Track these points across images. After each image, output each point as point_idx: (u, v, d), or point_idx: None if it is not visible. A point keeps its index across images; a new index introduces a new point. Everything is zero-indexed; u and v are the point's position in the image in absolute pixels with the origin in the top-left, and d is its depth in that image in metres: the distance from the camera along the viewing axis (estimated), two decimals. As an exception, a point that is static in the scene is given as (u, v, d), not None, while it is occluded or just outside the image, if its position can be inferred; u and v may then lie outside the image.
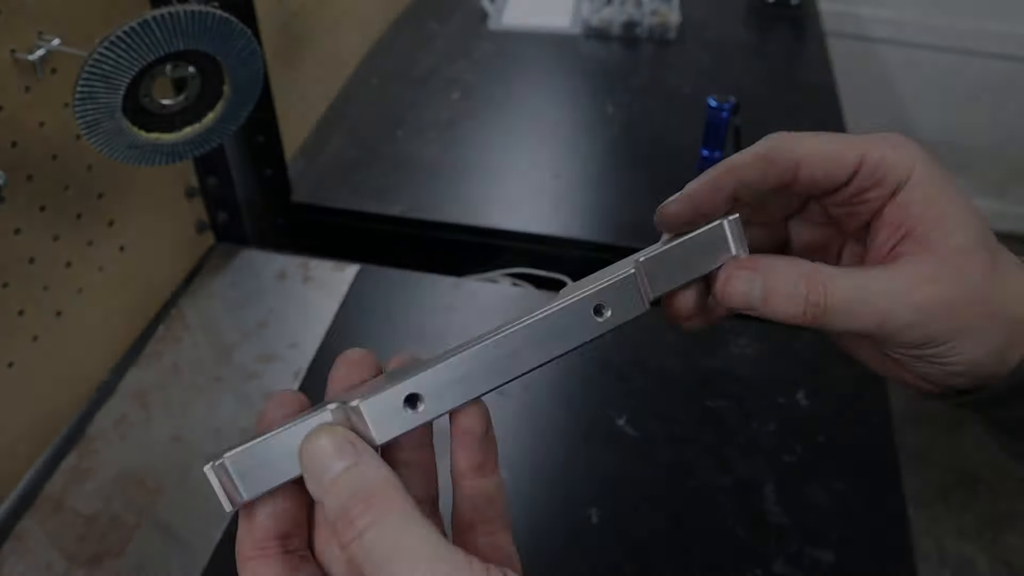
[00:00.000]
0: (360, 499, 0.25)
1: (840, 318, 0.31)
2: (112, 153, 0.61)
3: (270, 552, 0.29)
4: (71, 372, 0.74)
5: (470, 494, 0.30)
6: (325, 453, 0.26)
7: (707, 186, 0.33)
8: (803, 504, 0.67)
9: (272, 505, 0.29)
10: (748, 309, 0.32)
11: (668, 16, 1.33)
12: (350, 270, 0.89)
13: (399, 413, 0.28)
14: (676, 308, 0.35)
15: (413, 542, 0.24)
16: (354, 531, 0.24)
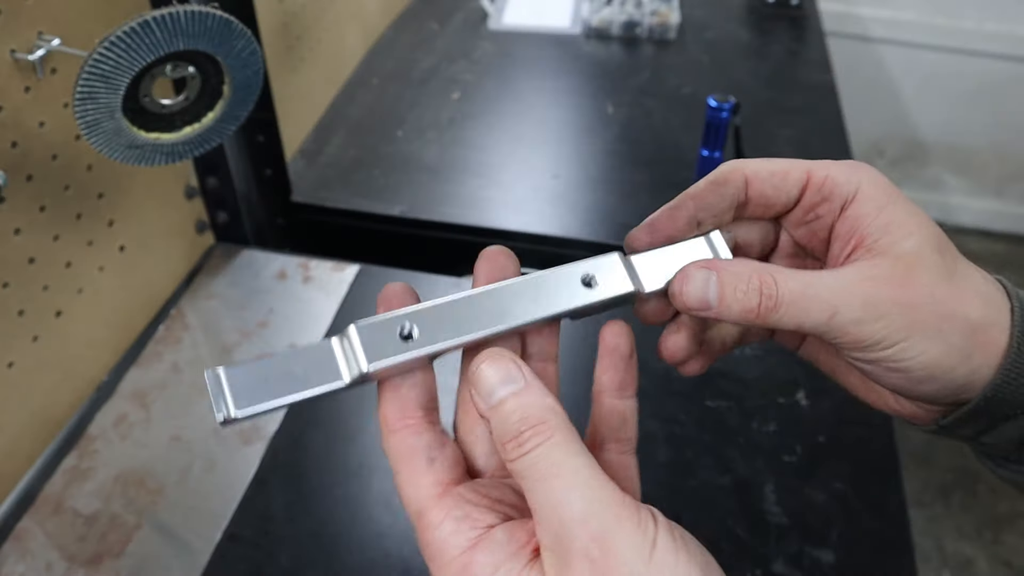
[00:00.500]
0: (531, 423, 0.27)
1: (791, 311, 0.31)
2: (112, 153, 0.61)
3: (417, 422, 0.31)
4: (71, 372, 0.74)
5: (607, 411, 0.34)
6: (497, 374, 0.28)
7: (665, 213, 0.35)
8: (803, 504, 0.67)
9: (413, 376, 0.31)
10: (704, 310, 0.33)
11: (668, 16, 1.33)
12: (350, 270, 0.89)
13: (392, 343, 0.29)
14: (671, 351, 0.38)
15: (574, 465, 0.26)
16: (521, 450, 0.27)
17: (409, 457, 0.30)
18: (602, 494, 0.26)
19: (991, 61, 1.97)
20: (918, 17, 1.96)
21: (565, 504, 0.26)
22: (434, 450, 0.30)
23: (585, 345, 0.80)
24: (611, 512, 0.26)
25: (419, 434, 0.30)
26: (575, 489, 0.26)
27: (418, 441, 0.30)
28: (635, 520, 0.26)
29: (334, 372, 0.29)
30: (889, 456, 0.71)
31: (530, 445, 0.27)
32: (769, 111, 1.16)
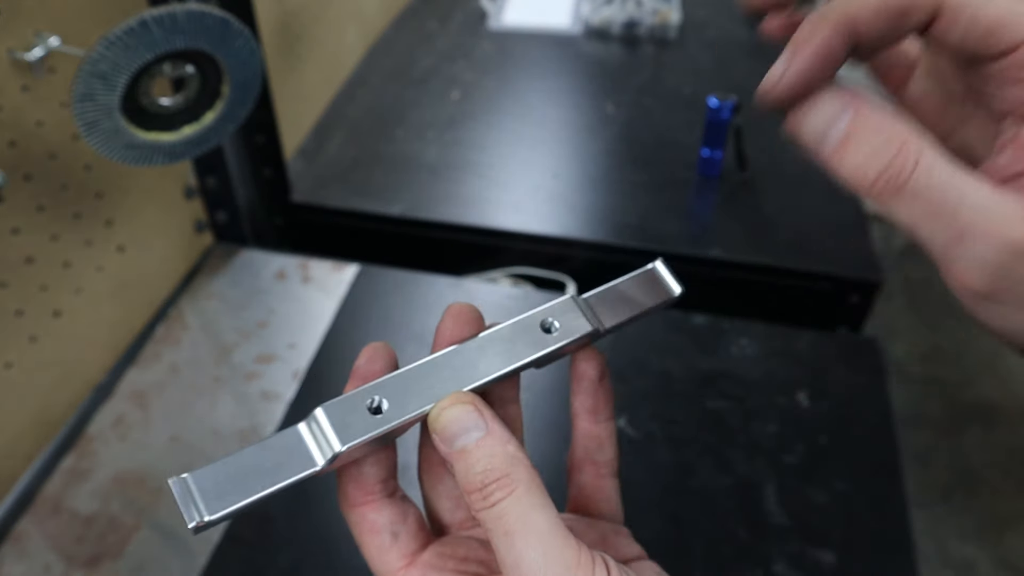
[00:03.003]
0: (495, 476, 0.27)
1: (912, 209, 0.24)
2: (111, 153, 0.61)
3: (376, 498, 0.31)
4: (69, 372, 0.74)
5: (583, 435, 0.34)
6: (457, 420, 0.28)
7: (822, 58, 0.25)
8: (804, 504, 0.67)
9: (373, 453, 0.31)
10: (816, 146, 0.25)
11: (668, 16, 1.33)
12: (349, 270, 0.89)
13: (362, 419, 0.29)
14: None
15: (535, 524, 0.27)
16: (489, 501, 0.27)
17: (372, 532, 0.31)
18: (559, 555, 0.26)
19: (992, 61, 1.96)
20: (919, 17, 1.96)
21: (523, 561, 0.26)
22: (397, 524, 0.31)
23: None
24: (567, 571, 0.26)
25: (380, 511, 0.31)
26: (533, 548, 0.26)
27: (379, 517, 0.31)
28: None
29: (306, 458, 0.29)
30: (890, 456, 0.71)
31: (494, 498, 0.27)
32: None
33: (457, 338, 0.31)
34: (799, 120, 0.25)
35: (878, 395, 0.76)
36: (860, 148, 0.24)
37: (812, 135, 0.25)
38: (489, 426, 0.28)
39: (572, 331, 0.33)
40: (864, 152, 0.24)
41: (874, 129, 0.24)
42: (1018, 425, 1.72)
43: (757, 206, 0.98)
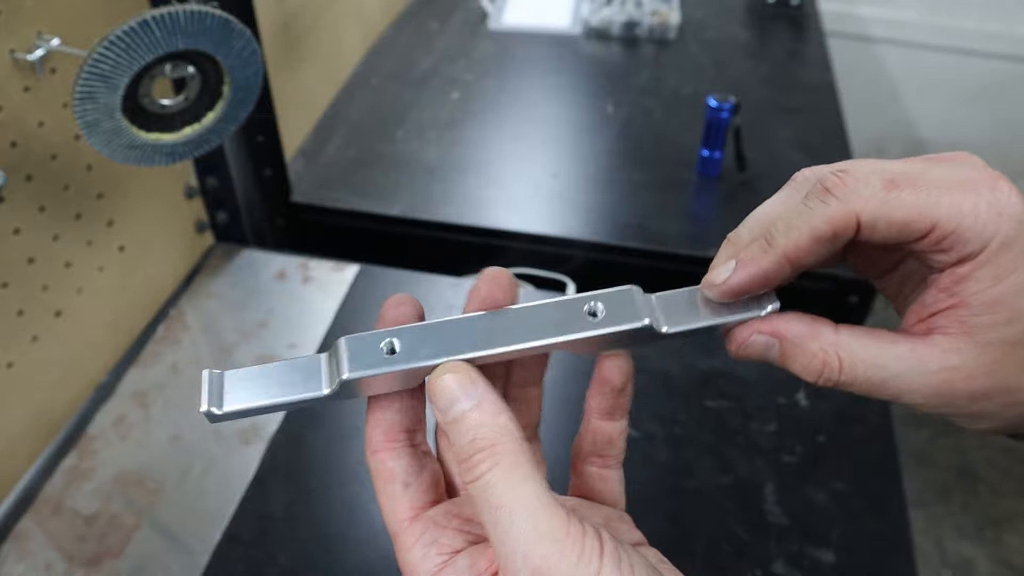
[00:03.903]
0: (480, 447, 0.27)
1: (854, 389, 0.30)
2: (112, 153, 0.61)
3: (399, 444, 0.32)
4: (70, 372, 0.74)
5: (593, 431, 0.34)
6: (450, 389, 0.29)
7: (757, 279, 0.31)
8: (803, 504, 0.67)
9: (400, 400, 0.32)
10: (765, 359, 0.32)
11: (668, 16, 1.33)
12: (350, 270, 0.89)
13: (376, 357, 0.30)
14: None
15: (521, 497, 0.26)
16: (474, 473, 0.27)
17: (387, 480, 0.31)
18: (548, 526, 0.25)
19: (991, 61, 1.97)
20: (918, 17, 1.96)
21: (510, 535, 0.26)
22: (410, 475, 0.31)
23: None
24: (555, 546, 0.25)
25: (398, 458, 0.31)
26: (518, 522, 0.26)
27: (396, 465, 0.31)
28: (579, 552, 0.25)
29: (316, 382, 0.30)
30: (889, 456, 0.71)
31: (479, 471, 0.27)
32: (769, 111, 1.16)
33: (490, 302, 0.32)
34: (742, 353, 0.32)
35: (877, 395, 0.76)
36: (794, 365, 0.31)
37: (755, 358, 0.32)
38: (482, 397, 0.28)
39: (617, 321, 0.31)
40: (798, 367, 0.31)
41: (798, 352, 0.31)
42: (1017, 425, 1.72)
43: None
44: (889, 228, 0.29)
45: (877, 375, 0.30)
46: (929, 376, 0.29)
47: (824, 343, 0.30)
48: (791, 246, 0.30)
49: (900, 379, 0.29)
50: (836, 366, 0.30)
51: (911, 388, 0.29)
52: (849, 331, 0.31)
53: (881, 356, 0.30)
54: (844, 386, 0.30)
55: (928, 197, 0.28)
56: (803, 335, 0.31)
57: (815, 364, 0.30)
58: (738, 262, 0.31)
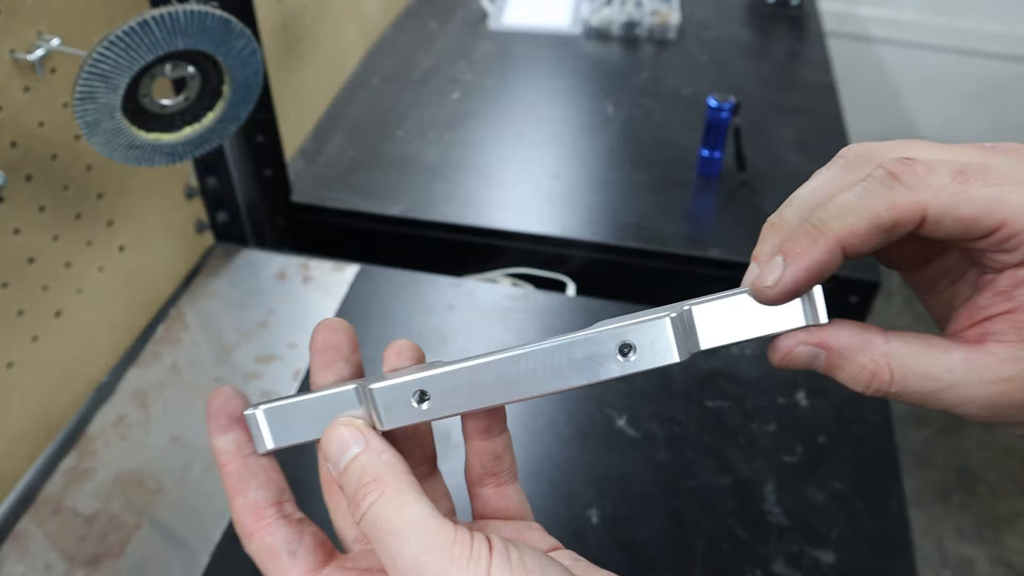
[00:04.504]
0: (365, 482, 0.28)
1: (904, 399, 0.29)
2: (112, 153, 0.61)
3: (270, 520, 0.32)
4: (70, 372, 0.74)
5: (479, 452, 0.34)
6: (342, 442, 0.30)
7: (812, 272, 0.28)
8: (803, 504, 0.67)
9: (256, 478, 0.33)
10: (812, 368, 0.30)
11: (668, 16, 1.33)
12: (350, 270, 0.89)
13: (407, 406, 0.31)
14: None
15: (408, 518, 0.27)
16: (362, 508, 0.28)
17: (271, 556, 0.31)
18: (435, 539, 0.26)
19: (991, 61, 1.97)
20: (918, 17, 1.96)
21: (402, 554, 0.26)
22: (293, 543, 0.32)
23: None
24: (445, 553, 0.26)
25: (275, 532, 0.32)
26: (408, 541, 0.26)
27: (275, 539, 0.32)
28: (467, 555, 0.26)
29: None
30: (889, 456, 0.71)
31: (366, 504, 0.28)
32: (769, 111, 1.16)
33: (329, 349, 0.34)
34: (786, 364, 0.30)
35: (877, 395, 0.76)
36: (841, 375, 0.29)
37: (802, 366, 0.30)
38: (368, 441, 0.30)
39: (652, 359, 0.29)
40: (846, 377, 0.29)
41: (846, 364, 0.29)
42: (1017, 425, 1.72)
43: (756, 206, 0.99)
44: (956, 224, 0.27)
45: (929, 386, 0.28)
46: (984, 387, 0.27)
47: (874, 354, 0.28)
48: (846, 232, 0.27)
49: (953, 391, 0.28)
50: (887, 378, 0.28)
51: (965, 400, 0.28)
52: (900, 339, 0.28)
53: (934, 367, 0.28)
54: (894, 396, 0.29)
55: (1000, 192, 0.26)
56: (851, 346, 0.29)
57: (863, 376, 0.29)
58: (787, 257, 0.28)
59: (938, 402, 0.28)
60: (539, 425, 0.74)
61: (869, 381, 0.28)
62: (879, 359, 0.28)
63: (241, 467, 0.33)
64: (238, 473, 0.32)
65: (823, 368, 0.29)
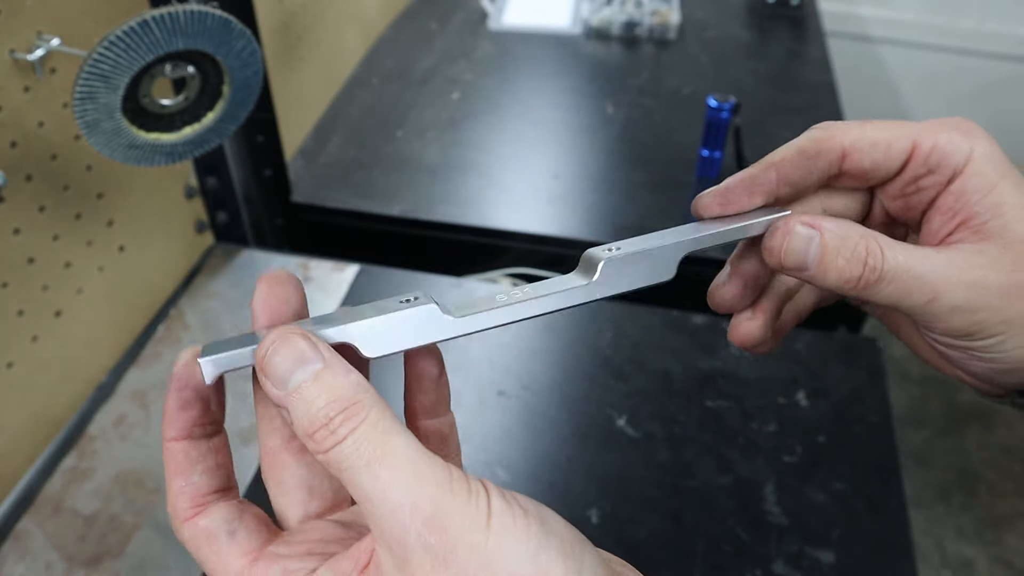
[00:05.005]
0: (339, 407, 0.24)
1: (892, 288, 0.30)
2: (112, 153, 0.61)
3: (208, 504, 0.28)
4: (70, 372, 0.74)
5: (424, 433, 0.31)
6: (296, 354, 0.26)
7: (744, 183, 0.32)
8: (803, 504, 0.67)
9: (204, 462, 0.28)
10: (799, 271, 0.31)
11: (668, 16, 1.33)
12: (350, 270, 0.89)
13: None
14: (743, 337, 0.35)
15: (397, 446, 0.24)
16: (335, 438, 0.24)
17: (207, 540, 0.27)
18: (431, 472, 0.24)
19: (991, 61, 1.97)
20: (918, 17, 1.96)
21: (393, 489, 0.23)
22: (232, 523, 0.28)
23: (584, 346, 0.80)
24: (443, 488, 0.23)
25: (210, 515, 0.28)
26: (401, 471, 0.23)
27: (211, 521, 0.28)
28: (466, 491, 0.24)
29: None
30: (889, 456, 0.71)
31: (344, 430, 0.24)
32: (769, 111, 1.16)
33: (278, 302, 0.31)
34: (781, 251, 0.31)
35: (877, 395, 0.76)
36: (836, 261, 0.30)
37: (794, 261, 0.31)
38: (326, 357, 0.26)
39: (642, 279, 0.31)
40: (840, 264, 0.30)
41: (841, 240, 0.30)
42: (1016, 425, 1.72)
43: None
44: (874, 148, 0.31)
45: (915, 266, 0.29)
46: (962, 272, 0.29)
47: (863, 232, 0.30)
48: (777, 157, 0.32)
49: (937, 273, 0.29)
50: (878, 252, 0.30)
51: (949, 282, 0.29)
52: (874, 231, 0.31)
53: (915, 250, 0.30)
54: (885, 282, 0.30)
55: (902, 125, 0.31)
56: (842, 224, 0.30)
57: (859, 250, 0.30)
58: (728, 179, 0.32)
59: (924, 288, 0.29)
60: (539, 425, 0.74)
61: (864, 257, 0.30)
62: (867, 235, 0.30)
63: (190, 447, 0.28)
64: (185, 453, 0.28)
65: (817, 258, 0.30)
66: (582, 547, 0.25)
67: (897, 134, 0.31)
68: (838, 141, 0.32)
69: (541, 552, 0.23)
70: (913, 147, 0.31)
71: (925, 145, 0.31)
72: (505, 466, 0.70)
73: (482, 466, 0.70)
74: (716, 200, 0.32)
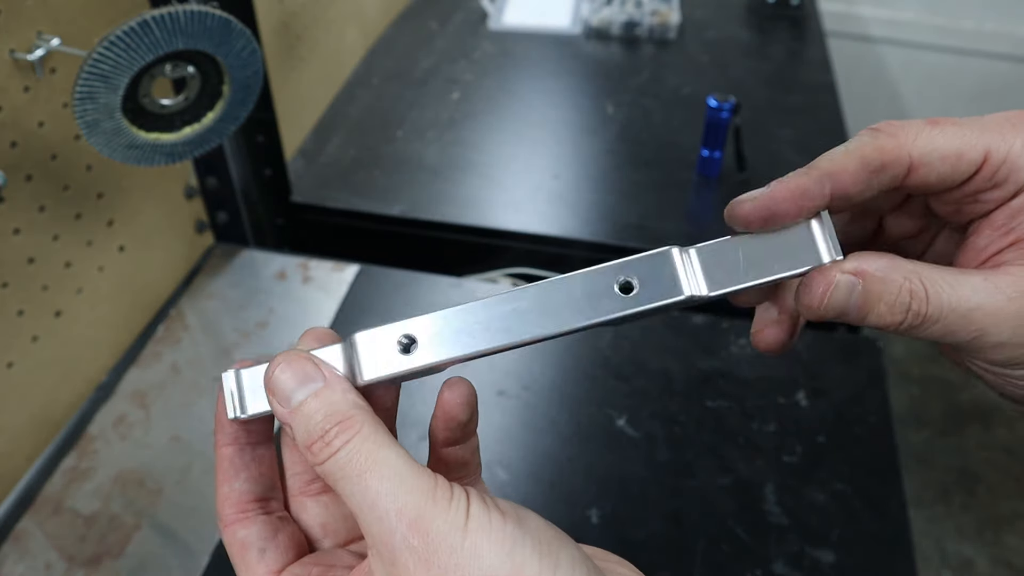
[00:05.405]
0: (336, 420, 0.27)
1: (935, 329, 0.28)
2: (112, 153, 0.61)
3: (250, 514, 0.31)
4: (70, 372, 0.74)
5: (444, 461, 0.32)
6: (301, 373, 0.28)
7: (794, 192, 0.28)
8: (803, 504, 0.67)
9: (247, 471, 0.31)
10: (840, 316, 0.29)
11: (668, 16, 1.33)
12: (350, 270, 0.89)
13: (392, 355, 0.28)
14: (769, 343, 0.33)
15: (387, 458, 0.26)
16: (330, 449, 0.26)
17: (241, 550, 0.30)
18: (416, 482, 0.25)
19: (991, 61, 1.97)
20: (918, 17, 1.96)
21: (381, 496, 0.25)
22: (265, 540, 0.30)
23: (584, 346, 0.80)
24: (426, 496, 0.25)
25: (249, 527, 0.30)
26: (389, 480, 0.25)
27: (248, 533, 0.30)
28: (448, 498, 0.25)
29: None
30: (889, 456, 0.71)
31: (339, 442, 0.26)
32: (769, 111, 1.16)
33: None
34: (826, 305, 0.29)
35: (877, 395, 0.76)
36: (879, 309, 0.28)
37: (835, 313, 0.29)
38: (327, 376, 0.28)
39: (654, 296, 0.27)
40: (883, 311, 0.28)
41: (884, 288, 0.28)
42: (1016, 425, 1.72)
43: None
44: (943, 162, 0.28)
45: (961, 305, 0.28)
46: (1010, 302, 0.27)
47: (906, 271, 0.28)
48: (835, 167, 0.28)
49: (983, 309, 0.28)
50: (923, 295, 0.28)
51: (996, 318, 0.27)
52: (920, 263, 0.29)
53: (960, 286, 0.28)
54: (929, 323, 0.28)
55: (973, 130, 0.28)
56: (886, 267, 0.28)
57: (903, 296, 0.28)
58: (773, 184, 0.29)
59: (971, 325, 0.28)
60: (539, 425, 0.74)
61: (908, 302, 0.28)
62: (911, 276, 0.28)
63: (236, 454, 0.31)
64: (231, 460, 0.31)
65: (858, 304, 0.28)
66: (559, 544, 0.25)
67: (969, 141, 0.28)
68: (906, 152, 0.28)
69: (516, 551, 0.24)
70: (985, 157, 0.28)
71: (998, 155, 0.28)
72: (505, 466, 0.70)
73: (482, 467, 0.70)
74: (759, 212, 0.28)
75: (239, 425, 0.31)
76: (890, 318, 0.28)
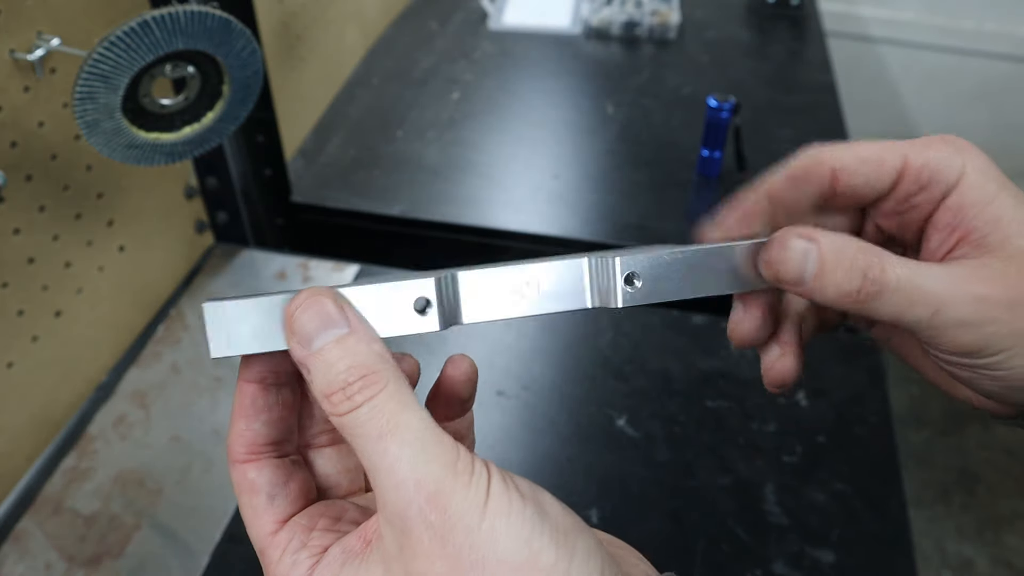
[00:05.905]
0: (361, 372, 0.25)
1: (893, 300, 0.28)
2: (112, 153, 0.61)
3: (263, 456, 0.29)
4: (70, 372, 0.74)
5: None
6: (324, 315, 0.26)
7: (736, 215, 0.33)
8: (803, 504, 0.67)
9: (268, 413, 0.29)
10: (795, 285, 0.30)
11: (668, 16, 1.33)
12: (350, 270, 0.89)
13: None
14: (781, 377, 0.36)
15: (410, 422, 0.24)
16: (350, 403, 0.25)
17: (250, 492, 0.29)
18: (439, 451, 0.24)
19: (991, 61, 1.97)
20: (918, 17, 1.96)
21: (401, 463, 0.24)
22: (276, 487, 0.29)
23: (584, 346, 0.80)
24: (448, 470, 0.24)
25: (260, 470, 0.29)
26: (410, 446, 0.24)
27: (259, 477, 0.29)
28: (469, 472, 0.24)
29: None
30: (889, 456, 0.71)
31: (361, 398, 0.25)
32: (769, 111, 1.16)
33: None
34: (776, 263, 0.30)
35: (877, 395, 0.76)
36: (835, 274, 0.29)
37: (791, 274, 0.30)
38: (352, 323, 0.26)
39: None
40: (839, 277, 0.29)
41: (838, 254, 0.29)
42: (1017, 425, 1.72)
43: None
44: (864, 164, 0.31)
45: (917, 279, 0.28)
46: (967, 285, 0.28)
47: (861, 246, 0.29)
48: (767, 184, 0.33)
49: (940, 286, 0.28)
50: (878, 264, 0.29)
51: (954, 292, 0.28)
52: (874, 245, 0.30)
53: (917, 268, 0.29)
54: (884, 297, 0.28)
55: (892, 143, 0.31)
56: (840, 238, 0.29)
57: (858, 264, 0.29)
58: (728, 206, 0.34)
59: (927, 303, 0.28)
60: (539, 425, 0.74)
61: (864, 271, 0.29)
62: (866, 249, 0.29)
63: (259, 392, 0.29)
64: (252, 398, 0.29)
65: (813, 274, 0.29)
66: (576, 533, 0.25)
67: (887, 151, 0.31)
68: (826, 163, 0.32)
69: (534, 538, 0.24)
70: (904, 164, 0.31)
71: (916, 161, 0.31)
72: (506, 466, 0.70)
73: (482, 466, 0.70)
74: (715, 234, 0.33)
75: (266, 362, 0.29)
76: (847, 284, 0.29)
